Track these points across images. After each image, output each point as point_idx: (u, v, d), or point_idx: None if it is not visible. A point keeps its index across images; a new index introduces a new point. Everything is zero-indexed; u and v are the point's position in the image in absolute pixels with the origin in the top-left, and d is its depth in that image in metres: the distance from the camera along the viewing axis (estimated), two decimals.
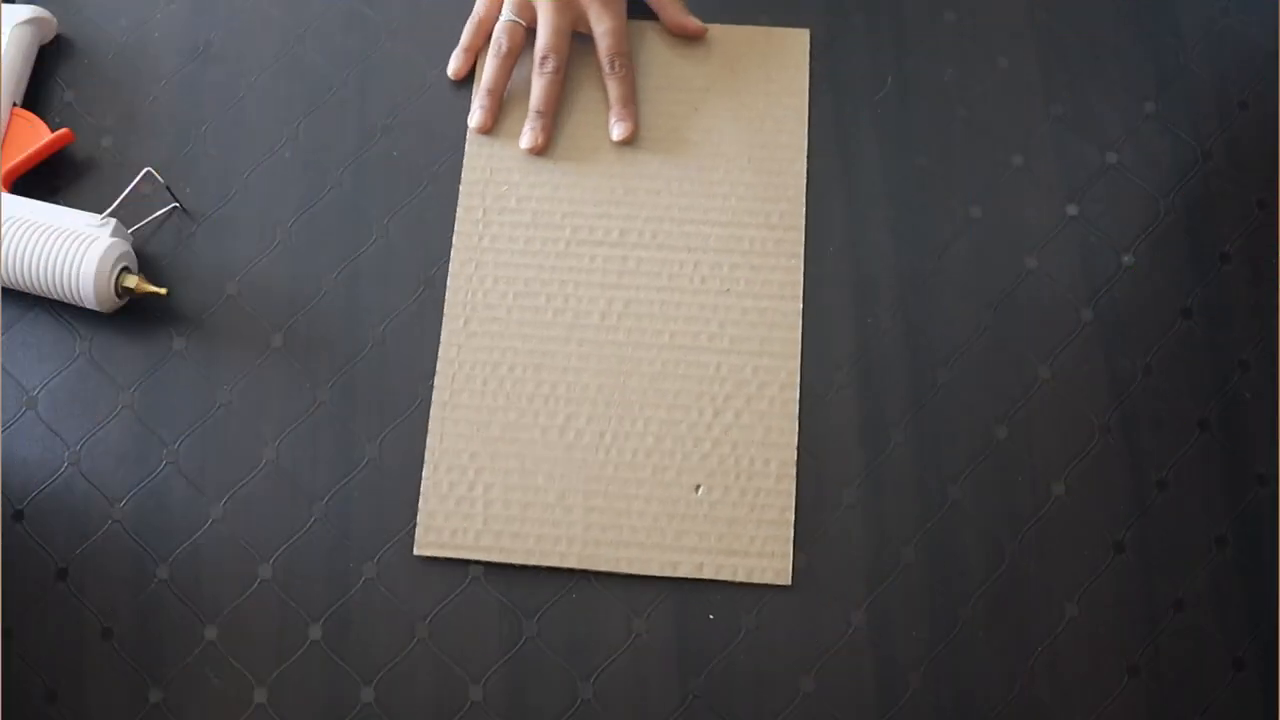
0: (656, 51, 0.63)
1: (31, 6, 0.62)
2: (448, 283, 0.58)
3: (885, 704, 0.53)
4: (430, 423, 0.56)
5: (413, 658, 0.53)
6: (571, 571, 0.54)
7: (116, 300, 0.56)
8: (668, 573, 0.53)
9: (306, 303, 0.59)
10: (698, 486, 0.55)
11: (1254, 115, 0.62)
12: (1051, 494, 0.56)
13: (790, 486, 0.55)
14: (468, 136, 0.61)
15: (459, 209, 0.59)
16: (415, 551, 0.54)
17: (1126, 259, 0.60)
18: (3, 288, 0.57)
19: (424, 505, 0.54)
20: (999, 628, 0.54)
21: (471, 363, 0.57)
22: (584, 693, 0.53)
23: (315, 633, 0.54)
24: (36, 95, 0.63)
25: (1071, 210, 0.60)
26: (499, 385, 0.56)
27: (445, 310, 0.58)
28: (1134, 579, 0.54)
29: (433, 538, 0.54)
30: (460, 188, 0.60)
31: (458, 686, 0.53)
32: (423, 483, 0.55)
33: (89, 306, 0.56)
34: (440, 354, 0.57)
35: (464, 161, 0.60)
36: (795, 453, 0.55)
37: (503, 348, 0.57)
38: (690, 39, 0.62)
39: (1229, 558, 0.55)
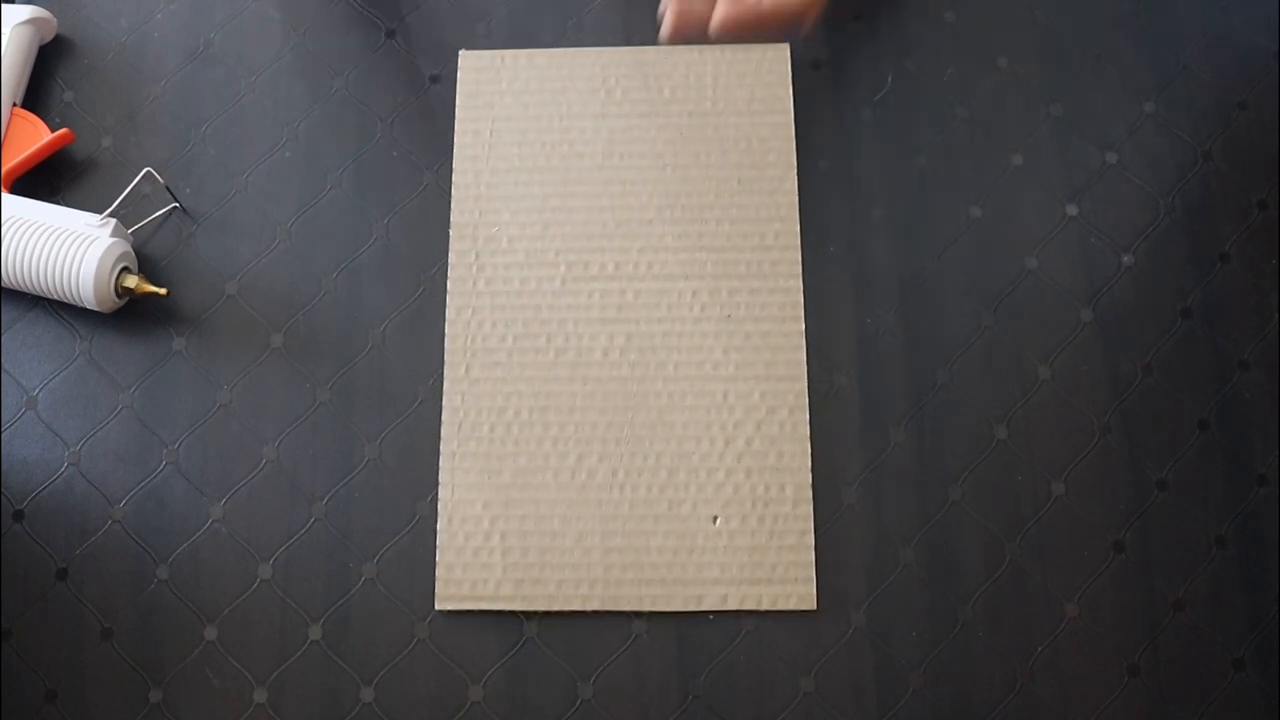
0: (637, 80, 0.62)
1: (31, 6, 0.62)
2: (445, 329, 0.58)
3: (885, 704, 0.53)
4: (440, 474, 0.55)
5: (413, 658, 0.53)
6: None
7: (116, 300, 0.56)
8: (692, 607, 0.53)
9: (306, 303, 0.59)
10: (715, 518, 0.54)
11: (1254, 115, 0.62)
12: (1051, 494, 0.56)
13: (808, 510, 0.55)
14: (453, 181, 0.60)
15: (450, 254, 0.59)
16: (437, 607, 0.53)
17: (1126, 259, 0.60)
18: (3, 288, 0.57)
19: (441, 559, 0.54)
20: (999, 628, 0.54)
21: (477, 410, 0.56)
22: (584, 693, 0.53)
23: (315, 633, 0.54)
24: (36, 95, 0.63)
25: (1071, 210, 0.60)
26: (506, 431, 0.56)
27: (445, 358, 0.57)
28: (1134, 579, 0.55)
29: (452, 591, 0.54)
30: (450, 231, 0.59)
31: (458, 686, 0.53)
32: (438, 536, 0.54)
33: (89, 306, 0.56)
34: (444, 403, 0.56)
35: (451, 205, 0.60)
36: (810, 476, 0.55)
37: (506, 392, 0.56)
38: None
39: (1229, 558, 0.55)
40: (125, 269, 0.56)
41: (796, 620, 0.54)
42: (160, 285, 0.57)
